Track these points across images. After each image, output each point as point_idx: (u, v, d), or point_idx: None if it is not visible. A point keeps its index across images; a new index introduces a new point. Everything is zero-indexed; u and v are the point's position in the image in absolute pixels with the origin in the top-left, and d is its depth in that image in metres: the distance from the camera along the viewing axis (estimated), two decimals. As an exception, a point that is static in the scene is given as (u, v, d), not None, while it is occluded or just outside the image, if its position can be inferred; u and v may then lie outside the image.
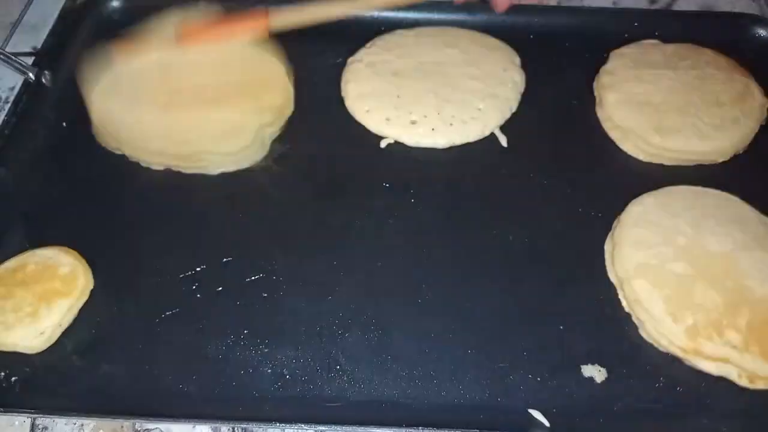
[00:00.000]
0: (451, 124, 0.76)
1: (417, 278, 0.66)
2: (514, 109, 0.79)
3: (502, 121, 0.78)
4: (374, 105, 0.78)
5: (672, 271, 0.63)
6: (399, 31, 0.85)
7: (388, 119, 0.77)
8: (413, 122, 0.77)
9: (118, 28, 0.83)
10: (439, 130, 0.76)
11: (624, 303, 0.65)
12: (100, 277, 0.66)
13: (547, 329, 0.63)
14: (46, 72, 0.79)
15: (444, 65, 0.81)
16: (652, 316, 0.61)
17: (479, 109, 0.78)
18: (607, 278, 0.66)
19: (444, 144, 0.76)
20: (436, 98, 0.78)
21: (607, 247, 0.68)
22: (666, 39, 0.84)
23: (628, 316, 0.64)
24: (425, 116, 0.77)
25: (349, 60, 0.83)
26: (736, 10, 0.94)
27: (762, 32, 0.87)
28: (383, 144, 0.77)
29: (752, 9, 0.94)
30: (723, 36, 0.85)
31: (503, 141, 0.77)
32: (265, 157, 0.76)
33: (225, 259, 0.67)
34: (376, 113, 0.78)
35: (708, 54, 0.82)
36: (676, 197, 0.70)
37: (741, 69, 0.81)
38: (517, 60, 0.83)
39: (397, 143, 0.77)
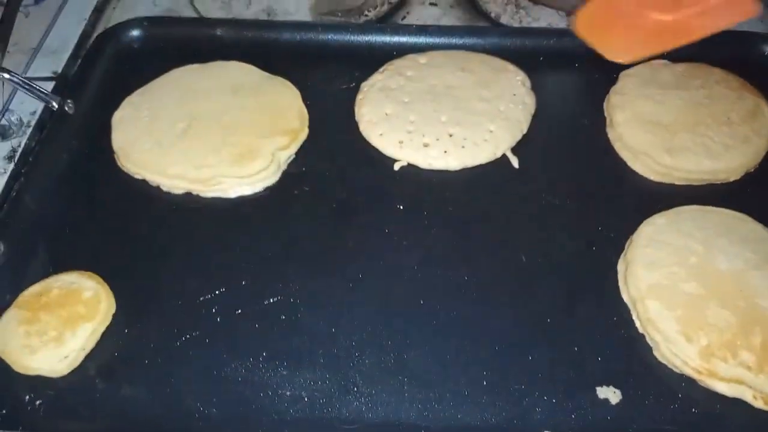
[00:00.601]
0: (463, 147, 0.78)
1: (432, 299, 0.67)
2: (525, 131, 0.80)
3: (513, 143, 0.79)
4: (387, 129, 0.79)
5: (684, 291, 0.64)
6: (411, 56, 0.87)
7: (401, 142, 0.78)
8: (426, 145, 0.78)
9: (138, 57, 0.85)
10: (451, 152, 0.77)
11: (638, 323, 0.65)
12: (122, 301, 0.67)
13: (562, 350, 0.63)
14: (69, 101, 0.81)
15: (455, 88, 0.82)
16: (666, 336, 0.62)
17: (491, 131, 0.79)
18: (621, 299, 0.67)
19: (456, 166, 0.77)
20: (448, 121, 0.79)
21: (620, 267, 0.69)
22: (675, 59, 0.85)
23: (642, 336, 0.64)
24: (437, 139, 0.78)
25: (363, 84, 0.84)
26: (746, 29, 0.94)
27: (771, 51, 0.87)
28: (397, 167, 0.78)
29: (762, 28, 0.94)
30: (732, 55, 0.86)
31: (515, 162, 0.78)
32: (281, 180, 0.77)
33: (243, 282, 0.69)
34: (390, 137, 0.79)
35: (717, 73, 0.83)
36: (688, 217, 0.70)
37: (751, 88, 0.81)
38: (528, 82, 0.84)
39: (410, 166, 0.78)
